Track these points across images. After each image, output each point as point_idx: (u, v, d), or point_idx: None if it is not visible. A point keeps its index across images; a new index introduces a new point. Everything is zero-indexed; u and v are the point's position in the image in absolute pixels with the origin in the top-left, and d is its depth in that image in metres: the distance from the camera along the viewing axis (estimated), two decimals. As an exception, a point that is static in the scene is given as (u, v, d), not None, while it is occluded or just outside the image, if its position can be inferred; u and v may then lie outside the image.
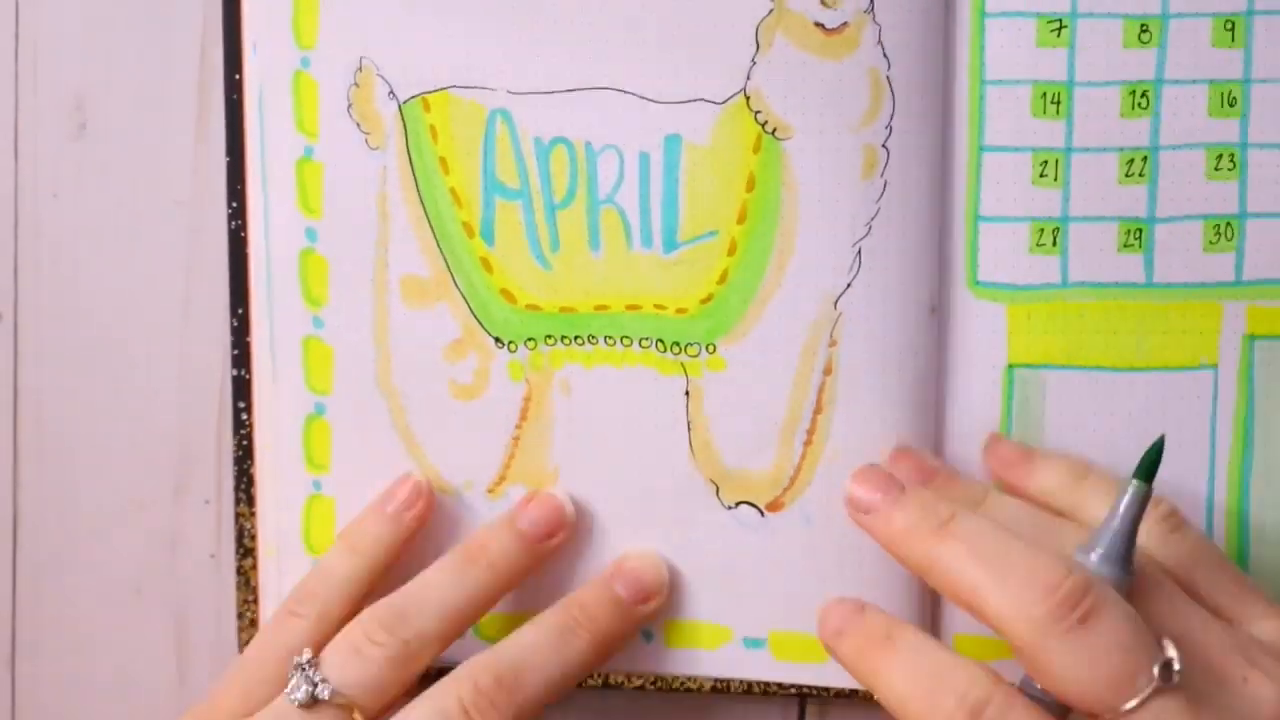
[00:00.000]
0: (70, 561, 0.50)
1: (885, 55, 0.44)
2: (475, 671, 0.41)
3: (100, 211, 0.47)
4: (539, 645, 0.41)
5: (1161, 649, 0.37)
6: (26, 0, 0.48)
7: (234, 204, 0.46)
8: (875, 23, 0.44)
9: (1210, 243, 0.45)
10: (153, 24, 0.47)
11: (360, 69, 0.44)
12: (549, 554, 0.44)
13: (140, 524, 0.49)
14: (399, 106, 0.44)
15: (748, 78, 0.44)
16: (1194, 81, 0.45)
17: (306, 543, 0.46)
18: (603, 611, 0.43)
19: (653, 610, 0.45)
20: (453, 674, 0.41)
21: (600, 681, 0.46)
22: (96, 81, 0.47)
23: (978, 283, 0.46)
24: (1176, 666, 0.36)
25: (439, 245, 0.45)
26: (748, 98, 0.44)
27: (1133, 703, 0.36)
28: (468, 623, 0.42)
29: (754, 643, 0.46)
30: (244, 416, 0.46)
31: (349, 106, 0.45)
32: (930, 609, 0.46)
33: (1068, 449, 0.46)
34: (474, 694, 0.40)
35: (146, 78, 0.46)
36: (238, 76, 0.45)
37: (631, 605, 0.44)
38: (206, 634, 0.50)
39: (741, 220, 0.45)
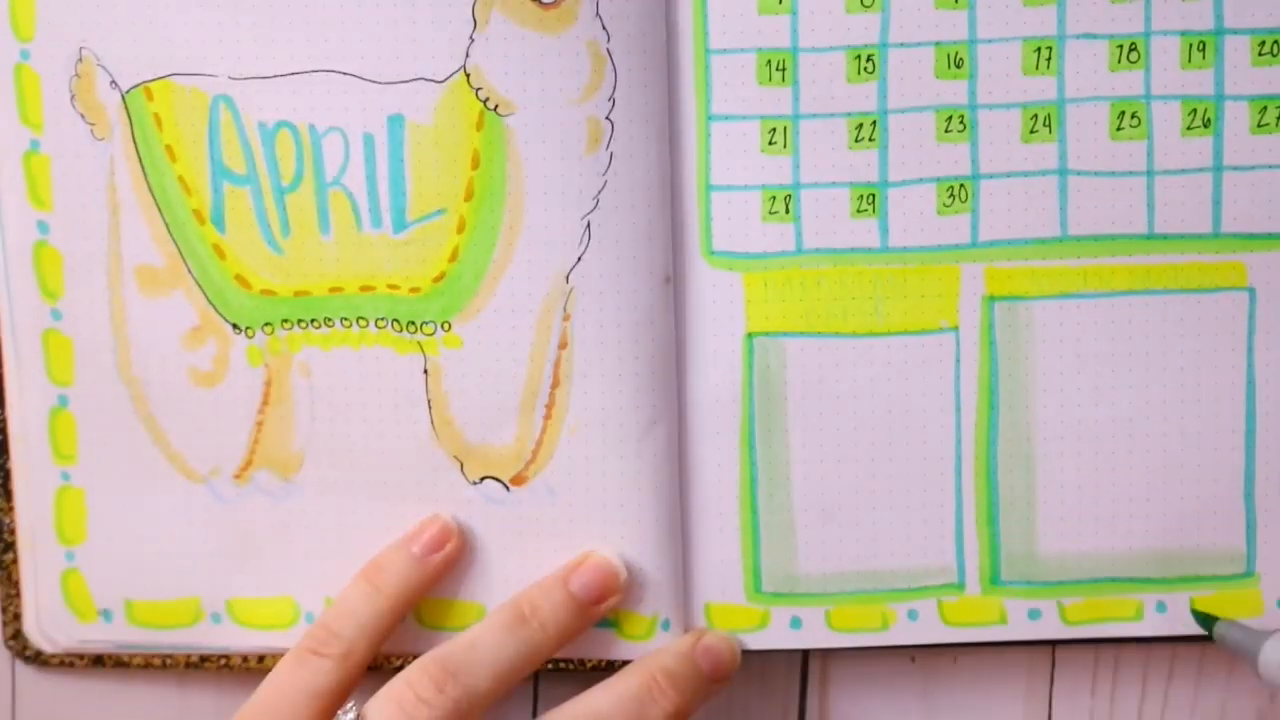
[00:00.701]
0: None
1: (604, 28, 0.46)
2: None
3: None
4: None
5: None
6: None
7: (-21, 197, 0.49)
8: (591, -4, 0.46)
9: (944, 205, 0.47)
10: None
11: (80, 60, 0.47)
12: (599, 616, 0.47)
13: None
14: (122, 96, 0.47)
15: (467, 55, 0.47)
16: (920, 44, 0.46)
17: (59, 533, 0.49)
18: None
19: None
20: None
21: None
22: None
23: (713, 252, 0.48)
24: None
25: (171, 233, 0.48)
26: (468, 75, 0.47)
27: None
28: (517, 682, 0.45)
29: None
30: (-1, 409, 0.49)
31: (72, 98, 0.47)
32: (683, 571, 0.48)
33: (810, 415, 0.48)
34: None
35: None
36: (-28, 69, 0.48)
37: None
38: None
39: (469, 198, 0.47)
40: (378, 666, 0.48)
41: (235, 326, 0.49)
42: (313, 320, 0.48)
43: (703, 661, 0.47)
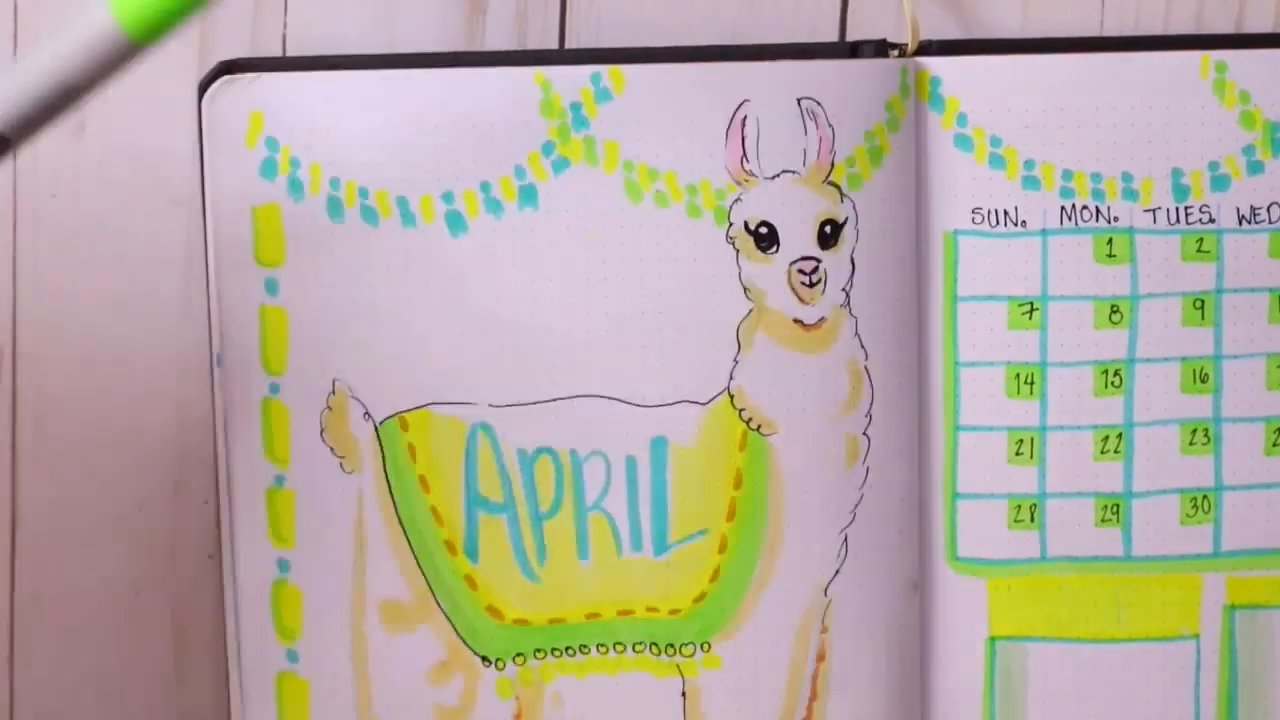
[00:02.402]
0: (70, 561, 0.57)
1: (863, 346, 0.52)
2: None
3: (99, 211, 0.54)
4: None
5: None
6: (26, 1, 0.55)
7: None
8: (852, 315, 0.52)
9: (1187, 515, 0.55)
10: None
11: (333, 392, 0.51)
12: None
13: (140, 525, 0.56)
14: (375, 427, 0.51)
15: (730, 377, 0.52)
16: (1166, 360, 0.54)
17: None
18: None
19: None
20: None
21: None
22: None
23: (958, 558, 0.55)
24: None
25: (420, 566, 0.52)
26: (731, 396, 0.52)
27: None
28: None
29: None
30: (218, 744, 0.52)
31: (322, 431, 0.51)
32: None
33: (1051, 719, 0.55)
34: None
35: (145, 77, 0.52)
36: (192, 392, 0.51)
37: None
38: (206, 634, 0.57)
39: (731, 517, 0.52)
40: None
41: (485, 659, 0.53)
42: (567, 648, 0.53)
43: None
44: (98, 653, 0.57)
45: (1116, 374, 0.56)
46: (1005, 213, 0.55)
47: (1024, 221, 0.55)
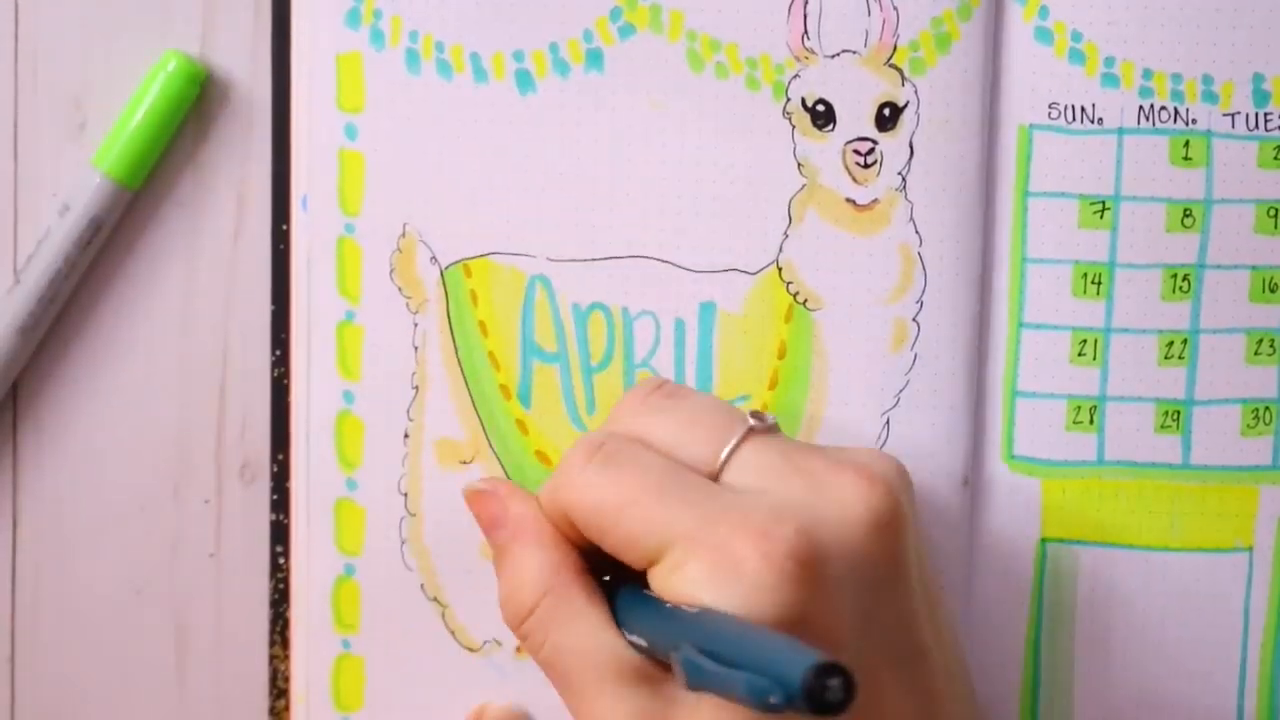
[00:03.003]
0: (70, 562, 0.69)
1: (917, 232, 0.65)
2: None
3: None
4: None
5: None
6: (26, 0, 0.68)
7: (277, 352, 0.68)
8: (907, 200, 0.64)
9: (1248, 427, 0.65)
10: (153, 24, 0.68)
11: (404, 235, 0.66)
12: None
13: (140, 525, 0.69)
14: (441, 272, 0.66)
15: (780, 250, 0.65)
16: (1236, 267, 0.65)
17: (336, 700, 0.68)
18: None
19: None
20: None
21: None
22: (96, 81, 0.68)
23: (1014, 457, 0.66)
24: (770, 420, 0.57)
25: (475, 407, 0.66)
26: (780, 269, 0.65)
27: (729, 444, 0.57)
28: None
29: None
30: (281, 562, 0.69)
31: (391, 272, 0.66)
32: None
33: (1098, 625, 0.66)
34: None
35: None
36: (285, 227, 0.67)
37: None
38: (206, 634, 0.70)
39: (773, 386, 0.66)
40: None
41: (530, 501, 0.67)
42: (609, 500, 0.67)
43: None
44: (98, 653, 0.68)
45: (1185, 279, 0.66)
46: (1082, 109, 0.66)
47: (1100, 119, 0.66)
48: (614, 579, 0.58)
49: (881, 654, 0.56)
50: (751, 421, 0.58)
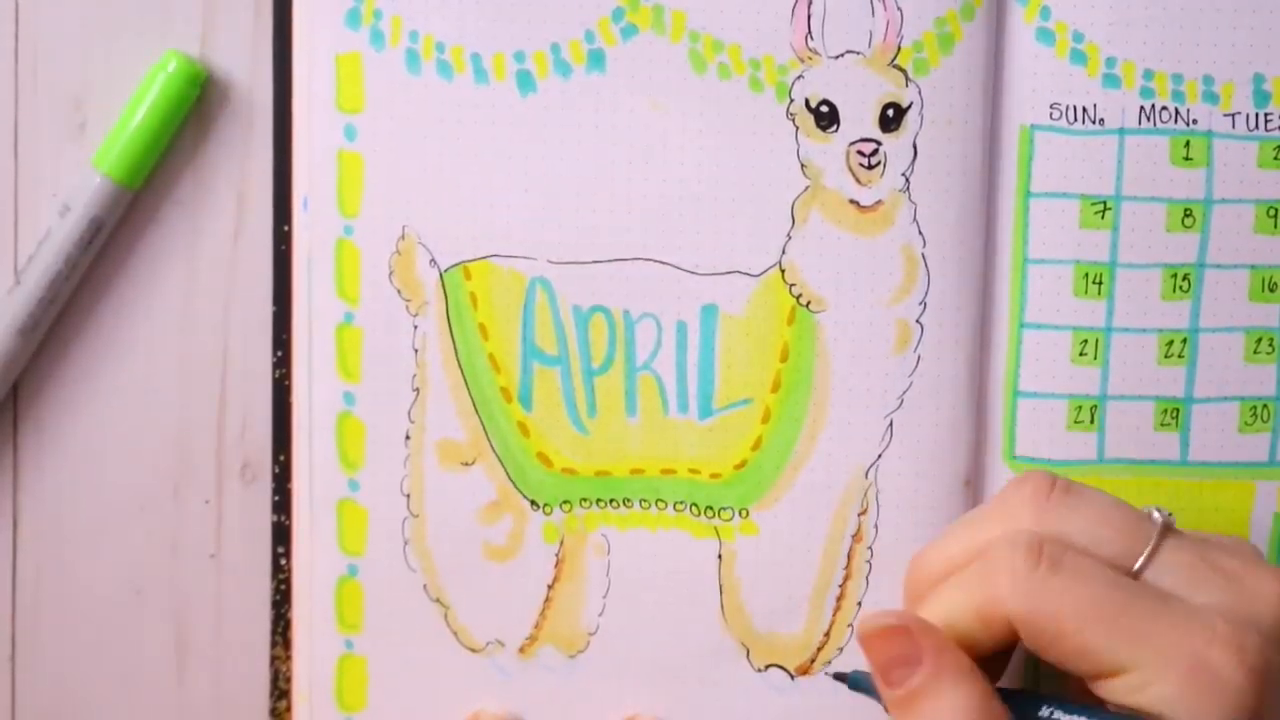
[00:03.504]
0: (70, 562, 0.69)
1: (921, 233, 0.65)
2: None
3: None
4: None
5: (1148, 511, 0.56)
6: (26, 1, 0.68)
7: (278, 352, 0.67)
8: (911, 201, 0.64)
9: (1246, 424, 0.65)
10: (153, 24, 0.68)
11: (402, 237, 0.66)
12: None
13: (140, 525, 0.69)
14: (440, 274, 0.66)
15: (783, 251, 0.65)
16: (1235, 266, 0.65)
17: (339, 700, 0.68)
18: None
19: None
20: None
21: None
22: (96, 81, 0.68)
23: (1015, 457, 0.66)
24: (1171, 517, 0.56)
25: (476, 409, 0.66)
26: (783, 270, 0.65)
27: (1147, 549, 0.55)
28: None
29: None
30: (282, 562, 0.68)
31: (390, 274, 0.66)
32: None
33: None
34: None
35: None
36: (286, 228, 0.67)
37: None
38: (206, 634, 0.70)
39: (775, 389, 0.66)
40: None
41: (533, 503, 0.67)
42: (611, 500, 0.67)
43: None
44: (98, 653, 0.69)
45: (1185, 278, 0.67)
46: (1083, 110, 0.66)
47: (1101, 120, 0.66)
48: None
49: None
50: (1158, 519, 0.57)
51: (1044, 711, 0.57)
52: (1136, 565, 0.56)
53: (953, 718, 0.54)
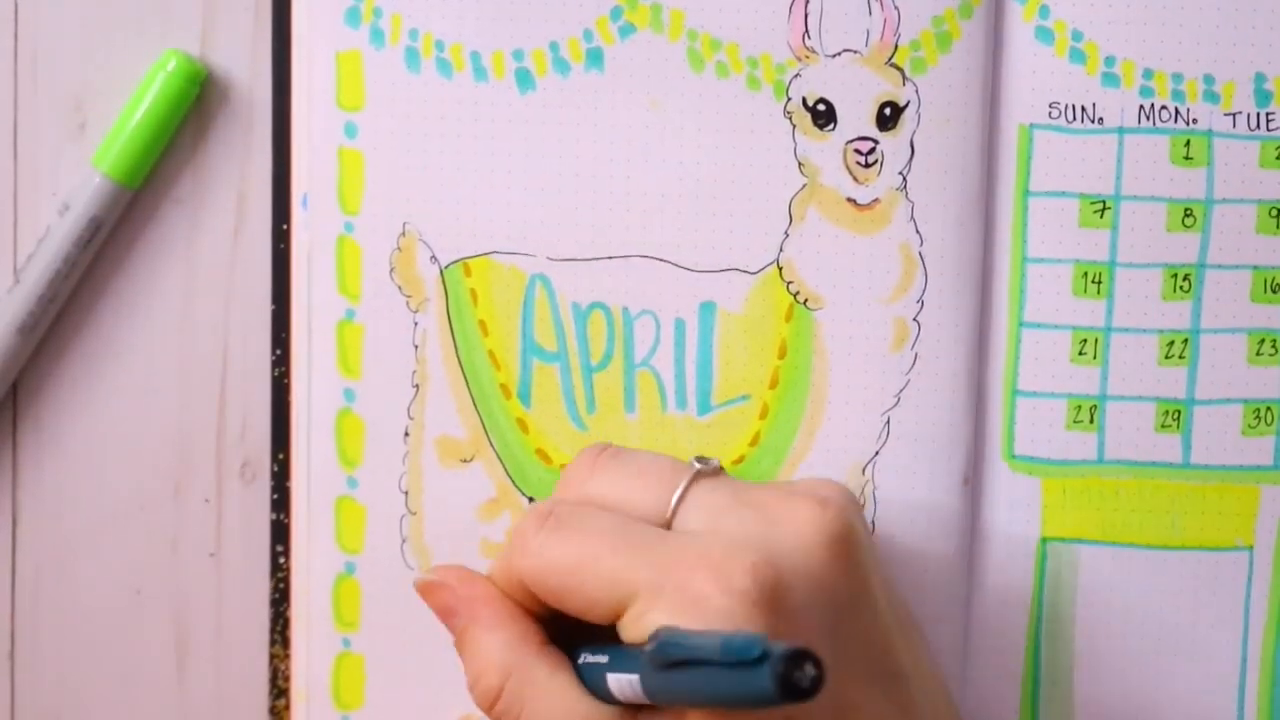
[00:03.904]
0: (70, 562, 0.69)
1: (918, 231, 0.64)
2: None
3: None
4: None
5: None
6: (26, 0, 0.68)
7: (277, 351, 0.67)
8: (908, 199, 0.64)
9: (1249, 426, 0.65)
10: (153, 24, 0.68)
11: (403, 234, 0.66)
12: None
13: (140, 524, 0.69)
14: (440, 271, 0.66)
15: (781, 249, 0.65)
16: (1237, 266, 0.64)
17: (336, 698, 0.68)
18: None
19: None
20: None
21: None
22: (96, 81, 0.68)
23: (1014, 456, 0.66)
24: (714, 462, 0.57)
25: (476, 406, 0.66)
26: (780, 268, 0.65)
27: (677, 491, 0.57)
28: None
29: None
30: (281, 561, 0.68)
31: (391, 271, 0.66)
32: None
33: (1098, 624, 0.66)
34: None
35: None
36: (285, 226, 0.67)
37: None
38: (206, 634, 0.70)
39: (773, 385, 0.65)
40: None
41: (532, 500, 0.67)
42: (609, 498, 0.67)
43: None
44: (98, 653, 0.69)
45: (1186, 278, 0.66)
46: (1083, 109, 0.66)
47: (1101, 119, 0.66)
48: (578, 639, 0.58)
49: (855, 672, 0.56)
50: (696, 464, 0.58)
51: (582, 659, 0.57)
52: (669, 510, 0.57)
53: (484, 657, 0.58)
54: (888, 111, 0.63)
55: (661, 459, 0.59)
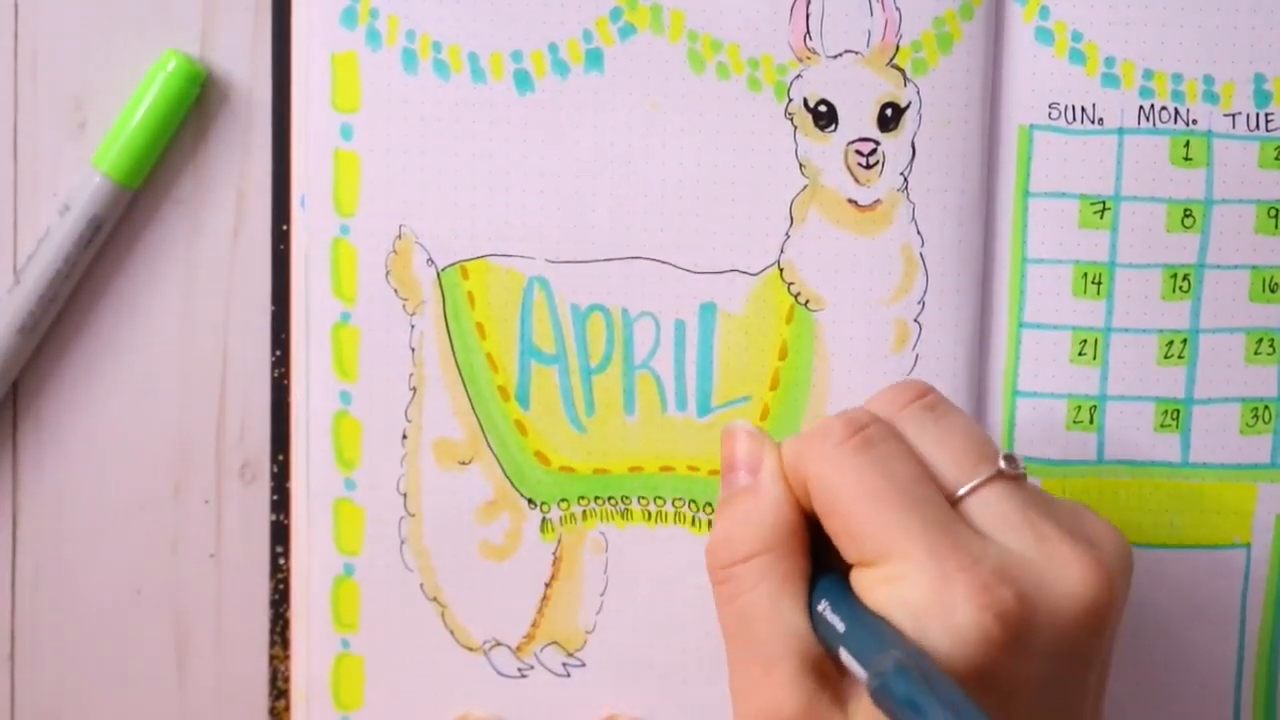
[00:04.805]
0: (70, 562, 0.69)
1: (919, 232, 0.64)
2: None
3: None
4: None
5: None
6: (26, 1, 0.68)
7: (277, 352, 0.67)
8: (909, 200, 0.64)
9: (1247, 425, 0.65)
10: (153, 24, 0.67)
11: (399, 237, 0.65)
12: None
13: (140, 525, 0.69)
14: (437, 273, 0.65)
15: (781, 250, 0.64)
16: (1236, 267, 0.64)
17: (336, 699, 0.68)
18: None
19: None
20: None
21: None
22: (96, 81, 0.68)
23: (1014, 456, 0.66)
24: (1021, 467, 0.55)
25: (473, 408, 0.66)
26: (781, 269, 0.65)
27: (975, 480, 0.54)
28: None
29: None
30: (281, 562, 0.68)
31: (387, 273, 0.66)
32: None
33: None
34: None
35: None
36: (285, 227, 0.66)
37: None
38: (206, 634, 0.70)
39: (774, 387, 0.65)
40: None
41: (530, 501, 0.67)
42: (609, 498, 0.66)
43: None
44: (98, 653, 0.68)
45: (1185, 279, 0.66)
46: (1082, 109, 0.65)
47: (1101, 119, 0.65)
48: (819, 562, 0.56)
49: None
50: (1003, 464, 0.55)
51: (821, 606, 0.56)
52: (959, 493, 0.55)
53: (753, 521, 0.56)
54: (889, 112, 0.63)
55: (975, 435, 0.56)
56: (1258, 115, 0.63)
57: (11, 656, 0.70)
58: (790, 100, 0.63)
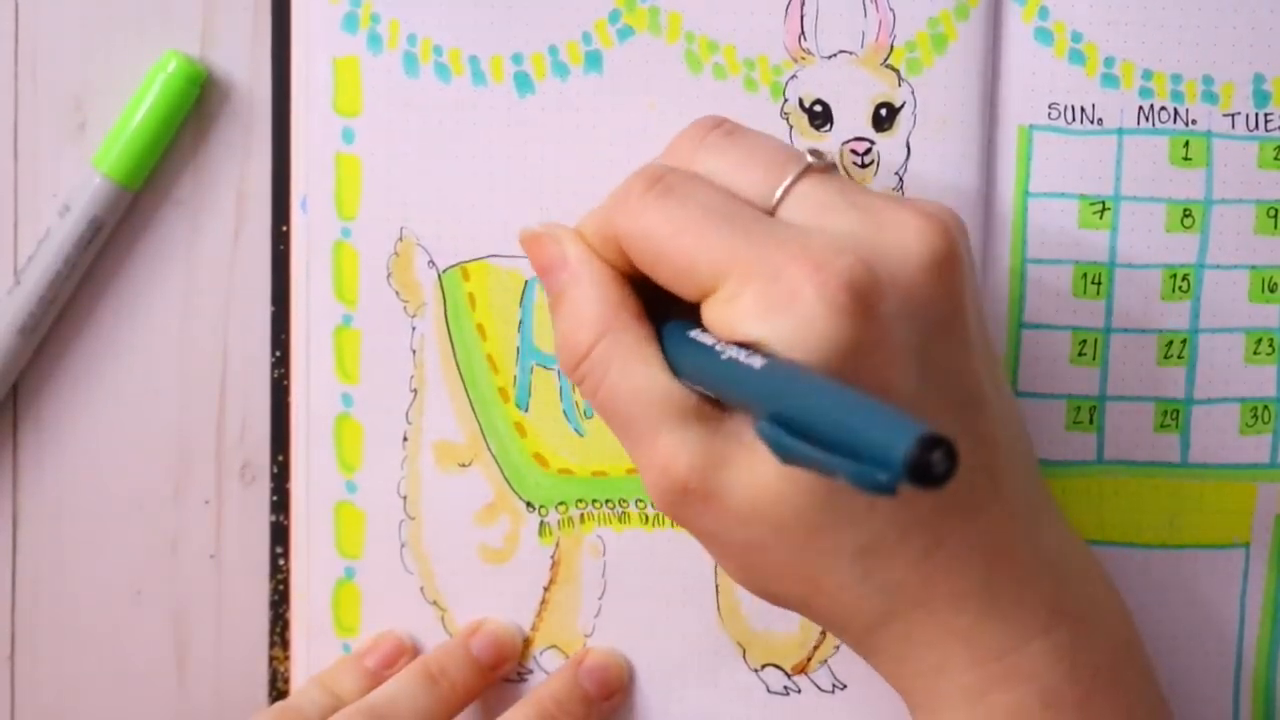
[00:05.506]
0: (70, 562, 0.69)
1: (918, 236, 0.64)
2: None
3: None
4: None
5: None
6: (26, 1, 0.68)
7: (277, 353, 0.67)
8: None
9: (1247, 425, 0.65)
10: (153, 24, 0.67)
11: (401, 239, 0.65)
12: (500, 679, 0.67)
13: (140, 525, 0.69)
14: (438, 275, 0.65)
15: (781, 252, 0.64)
16: (1235, 267, 0.64)
17: None
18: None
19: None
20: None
21: None
22: (96, 81, 0.68)
23: (1014, 457, 0.66)
24: (829, 158, 0.55)
25: (473, 410, 0.66)
26: (781, 271, 0.64)
27: (786, 181, 0.54)
28: None
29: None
30: (281, 563, 0.68)
31: (388, 275, 0.66)
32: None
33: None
34: None
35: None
36: (285, 228, 0.66)
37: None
38: (206, 634, 0.70)
39: (773, 389, 0.65)
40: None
41: (529, 504, 0.67)
42: (608, 501, 0.66)
43: (588, 683, 0.66)
44: (98, 653, 0.69)
45: (1185, 279, 0.66)
46: (1082, 109, 0.65)
47: (1100, 120, 0.65)
48: (664, 319, 0.56)
49: (939, 398, 0.55)
50: (810, 159, 0.55)
51: (694, 334, 0.55)
52: (774, 199, 0.54)
53: (581, 314, 0.56)
54: (883, 112, 0.63)
55: (774, 143, 0.56)
56: (1257, 115, 0.63)
57: (11, 656, 0.70)
58: (786, 100, 0.63)
